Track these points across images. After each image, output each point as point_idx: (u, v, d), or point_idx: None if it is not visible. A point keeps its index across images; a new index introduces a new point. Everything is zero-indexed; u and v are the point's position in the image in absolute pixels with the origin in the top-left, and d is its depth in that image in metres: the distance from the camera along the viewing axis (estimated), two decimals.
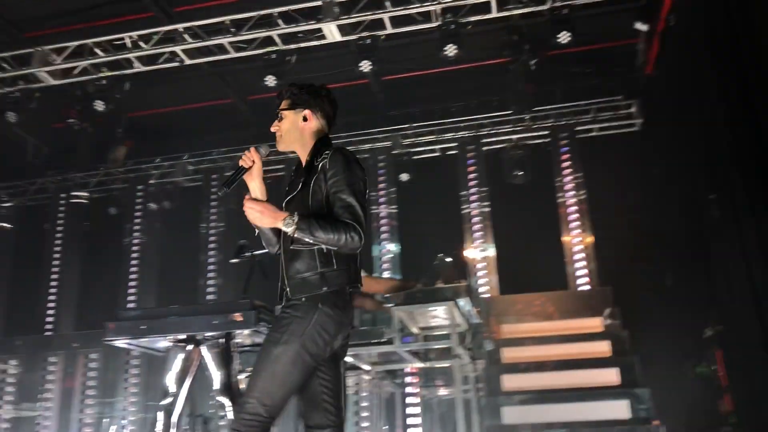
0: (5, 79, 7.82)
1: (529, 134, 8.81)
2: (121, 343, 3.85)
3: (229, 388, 3.71)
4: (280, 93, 2.99)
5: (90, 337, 7.90)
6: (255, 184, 2.79)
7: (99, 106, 7.75)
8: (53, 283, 9.28)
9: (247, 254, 4.50)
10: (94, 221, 9.83)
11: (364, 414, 6.31)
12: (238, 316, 3.65)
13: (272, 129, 2.96)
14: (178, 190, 9.71)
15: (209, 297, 8.62)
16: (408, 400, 6.91)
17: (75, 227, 9.71)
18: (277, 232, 2.83)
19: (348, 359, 4.93)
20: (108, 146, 9.77)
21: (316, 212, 2.70)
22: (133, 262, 9.14)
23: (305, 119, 2.90)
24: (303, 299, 2.67)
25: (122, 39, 7.39)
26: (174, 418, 3.71)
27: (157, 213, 9.54)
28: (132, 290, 8.98)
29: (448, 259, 4.84)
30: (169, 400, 3.71)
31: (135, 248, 9.25)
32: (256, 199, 2.75)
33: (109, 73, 7.69)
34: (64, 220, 9.66)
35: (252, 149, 2.79)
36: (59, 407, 7.87)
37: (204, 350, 3.77)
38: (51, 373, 8.02)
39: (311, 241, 2.66)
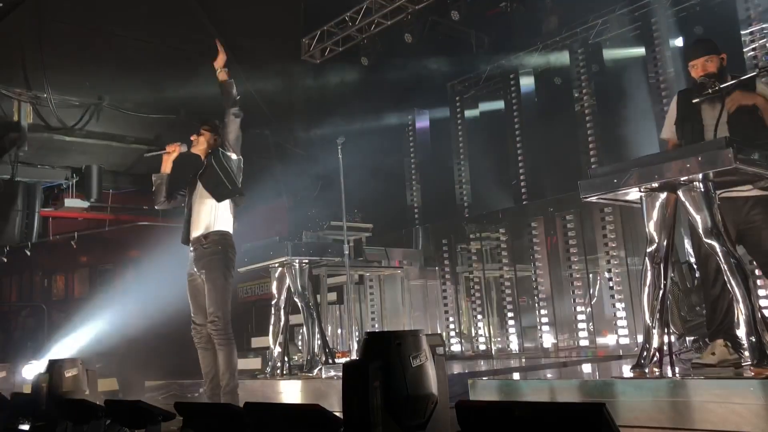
0: None
1: None
2: (596, 198, 3.98)
3: (714, 230, 3.52)
4: (204, 121, 5.31)
5: (562, 201, 8.41)
6: (168, 162, 5.24)
7: None
8: (520, 159, 10.10)
9: (709, 90, 4.15)
10: (543, 94, 10.28)
11: None
12: (712, 156, 3.40)
13: (192, 137, 5.23)
14: (616, 46, 9.38)
15: None
16: None
17: (529, 103, 10.30)
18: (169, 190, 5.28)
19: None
20: (540, 20, 10.03)
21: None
22: (588, 125, 9.26)
23: (215, 140, 5.23)
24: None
25: None
26: (661, 265, 3.72)
27: (599, 74, 9.41)
28: (592, 152, 9.14)
29: None
30: (653, 247, 3.74)
31: (587, 113, 9.34)
32: None
33: None
34: (516, 99, 10.33)
35: (177, 144, 5.22)
36: (548, 266, 8.69)
37: (681, 194, 3.65)
38: (535, 236, 8.87)
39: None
